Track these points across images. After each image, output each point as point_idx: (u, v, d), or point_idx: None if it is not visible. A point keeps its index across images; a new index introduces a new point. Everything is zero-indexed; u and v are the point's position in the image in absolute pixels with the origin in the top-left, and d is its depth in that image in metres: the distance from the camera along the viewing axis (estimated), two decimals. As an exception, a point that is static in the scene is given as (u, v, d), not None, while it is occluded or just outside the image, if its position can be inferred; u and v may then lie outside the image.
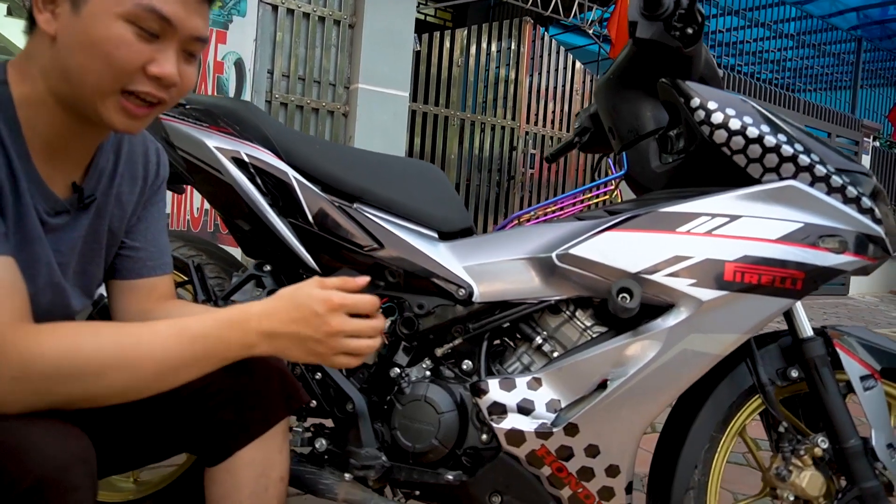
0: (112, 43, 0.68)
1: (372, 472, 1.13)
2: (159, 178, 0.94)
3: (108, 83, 0.70)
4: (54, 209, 0.77)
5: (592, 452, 1.09)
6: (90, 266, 0.87)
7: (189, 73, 0.76)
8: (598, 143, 1.57)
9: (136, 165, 0.90)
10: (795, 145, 1.09)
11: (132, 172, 0.89)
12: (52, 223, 0.78)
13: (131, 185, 0.90)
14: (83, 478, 0.63)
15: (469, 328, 1.20)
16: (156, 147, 0.94)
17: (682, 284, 1.05)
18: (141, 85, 0.71)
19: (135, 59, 0.69)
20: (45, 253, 0.77)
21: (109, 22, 0.68)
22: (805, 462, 1.12)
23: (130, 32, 0.69)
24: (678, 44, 1.16)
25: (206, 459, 0.95)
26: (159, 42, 0.71)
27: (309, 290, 0.76)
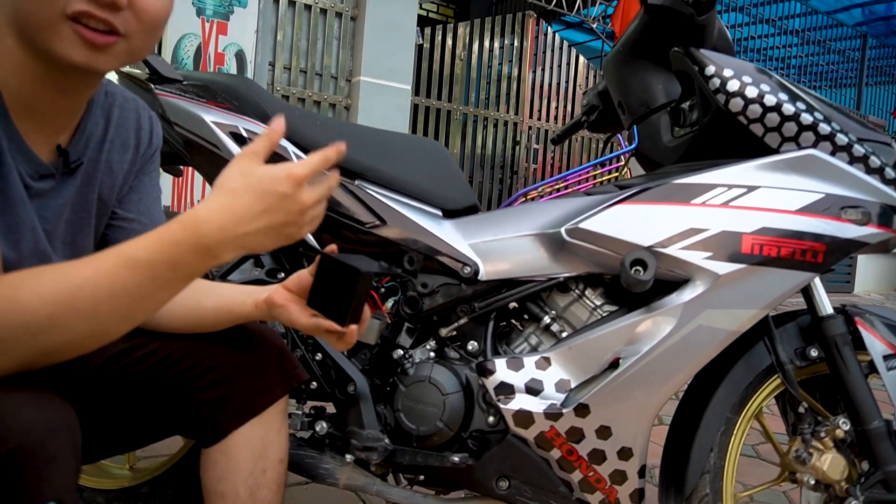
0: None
1: (374, 454, 1.09)
2: (152, 146, 0.90)
3: (42, 9, 0.62)
4: (38, 172, 0.73)
5: (604, 434, 1.05)
6: (79, 236, 0.82)
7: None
8: (607, 121, 1.53)
9: (128, 132, 0.86)
10: (815, 113, 1.04)
11: (123, 139, 0.85)
12: (37, 187, 0.73)
13: (122, 151, 0.85)
14: (64, 447, 0.59)
15: (475, 307, 1.16)
16: (149, 114, 0.89)
17: (698, 258, 1.01)
18: (78, 4, 0.62)
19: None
20: (30, 217, 0.73)
21: None
22: (826, 444, 1.08)
23: None
24: (691, 10, 1.12)
25: (201, 440, 0.91)
26: None
27: (266, 173, 0.64)
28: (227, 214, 0.63)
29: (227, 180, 0.64)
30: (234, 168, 0.65)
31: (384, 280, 1.22)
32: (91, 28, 0.64)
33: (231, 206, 0.63)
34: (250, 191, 0.63)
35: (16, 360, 0.60)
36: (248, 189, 0.63)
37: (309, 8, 4.35)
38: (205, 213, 0.63)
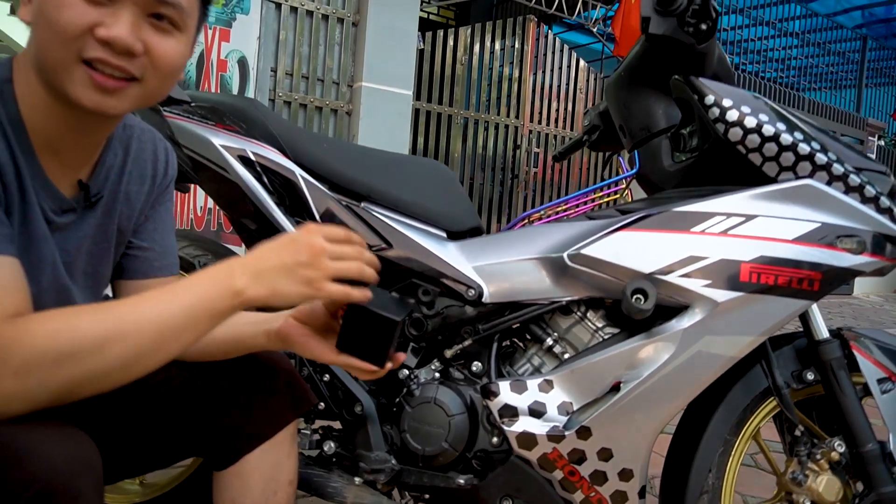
0: (55, 6, 0.64)
1: (382, 475, 1.11)
2: (168, 177, 0.92)
3: (61, 52, 0.65)
4: (61, 208, 0.76)
5: (605, 456, 1.08)
6: (99, 266, 0.85)
7: (161, 43, 0.69)
8: (608, 141, 1.55)
9: (145, 164, 0.88)
10: (812, 143, 1.07)
11: (140, 171, 0.88)
12: (59, 222, 0.76)
13: (139, 183, 0.88)
14: (89, 484, 0.61)
15: (479, 329, 1.18)
16: (164, 146, 0.92)
17: (697, 285, 1.03)
18: (94, 51, 0.65)
19: (77, 20, 0.64)
20: (51, 253, 0.75)
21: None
22: (821, 466, 1.10)
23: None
24: (692, 40, 1.14)
25: (214, 463, 0.94)
26: (111, 5, 0.66)
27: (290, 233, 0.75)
28: (251, 256, 0.72)
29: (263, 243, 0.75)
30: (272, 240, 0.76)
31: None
32: (105, 73, 0.67)
33: (257, 251, 0.73)
34: (270, 241, 0.73)
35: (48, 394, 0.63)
36: (270, 241, 0.74)
37: (311, 14, 4.37)
38: (237, 258, 0.72)
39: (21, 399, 0.62)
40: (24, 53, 0.72)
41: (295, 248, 0.71)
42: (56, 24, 0.64)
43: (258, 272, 0.70)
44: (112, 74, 0.67)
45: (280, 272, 0.71)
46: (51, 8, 0.64)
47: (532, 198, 6.02)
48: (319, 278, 0.71)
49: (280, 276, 0.71)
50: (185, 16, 0.71)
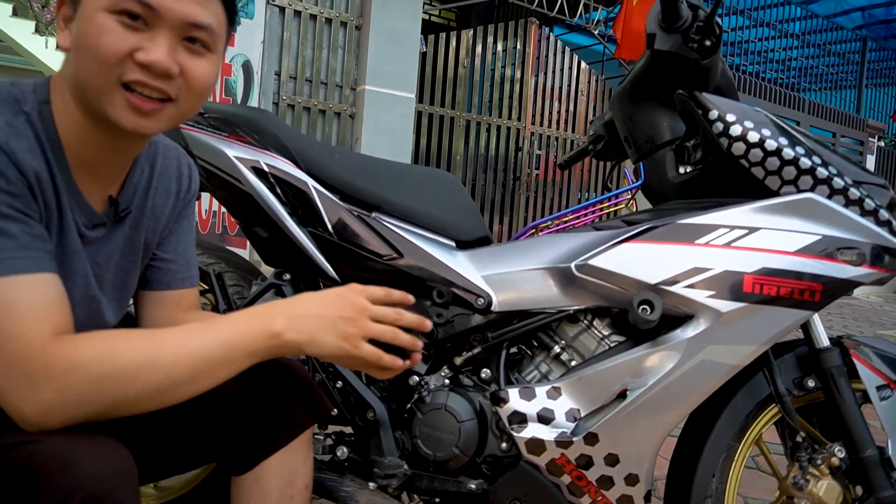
0: (95, 33, 0.68)
1: (394, 480, 1.14)
2: (191, 191, 0.96)
3: (102, 77, 0.69)
4: (92, 222, 0.79)
5: (612, 461, 1.11)
6: (127, 279, 0.89)
7: (195, 65, 0.73)
8: (612, 150, 1.58)
9: (170, 179, 0.92)
10: (813, 157, 1.10)
11: (166, 186, 0.91)
12: (90, 236, 0.80)
13: (165, 198, 0.91)
14: (128, 493, 0.65)
15: (488, 337, 1.21)
16: (188, 162, 0.96)
17: (702, 296, 1.06)
18: (133, 74, 0.69)
19: (117, 46, 0.68)
20: (83, 266, 0.79)
21: (95, 15, 0.68)
22: (822, 471, 1.14)
23: (113, 21, 0.68)
24: (696, 56, 1.17)
25: (233, 468, 0.97)
26: (148, 30, 0.69)
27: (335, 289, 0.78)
28: (295, 302, 0.76)
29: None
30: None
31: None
32: (144, 95, 0.71)
33: (301, 298, 0.77)
34: (320, 294, 0.77)
35: (85, 413, 0.67)
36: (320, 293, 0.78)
37: (314, 18, 4.40)
38: (280, 302, 0.76)
39: (61, 414, 0.65)
40: (59, 75, 0.75)
41: (340, 304, 0.76)
42: (97, 50, 0.68)
43: (300, 318, 0.75)
44: (150, 96, 0.71)
45: (321, 323, 0.76)
46: (92, 36, 0.68)
47: (534, 199, 6.05)
48: (357, 336, 0.76)
49: (320, 327, 0.76)
50: (215, 38, 0.75)
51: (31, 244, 0.67)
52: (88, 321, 0.81)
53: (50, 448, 0.63)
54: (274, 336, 0.74)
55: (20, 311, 0.64)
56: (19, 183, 0.67)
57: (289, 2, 4.25)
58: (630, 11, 5.85)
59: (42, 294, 0.67)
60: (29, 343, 0.64)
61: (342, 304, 0.76)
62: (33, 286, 0.66)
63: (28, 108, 0.72)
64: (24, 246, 0.66)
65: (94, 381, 0.65)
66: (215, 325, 0.73)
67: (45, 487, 0.61)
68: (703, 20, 1.15)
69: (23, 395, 0.64)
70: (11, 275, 0.65)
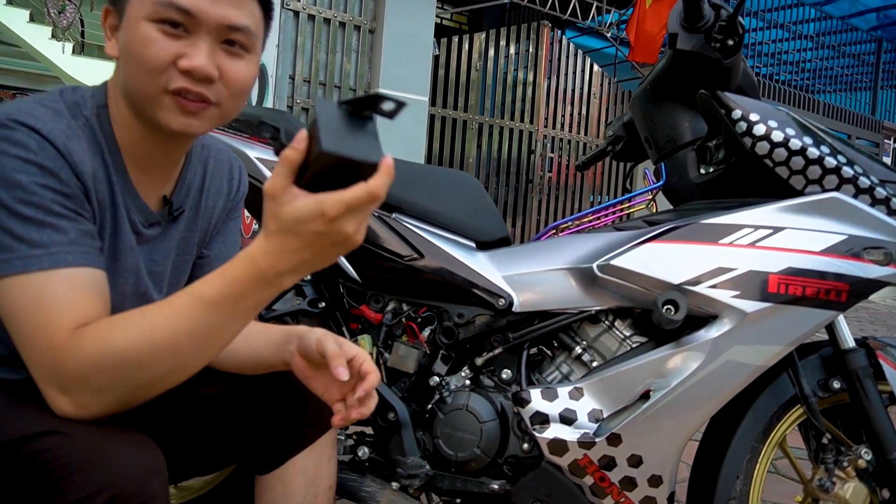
0: (140, 44, 0.70)
1: (416, 480, 1.14)
2: (240, 193, 0.98)
3: (149, 86, 0.71)
4: (148, 220, 0.82)
5: (635, 462, 1.10)
6: (182, 277, 0.91)
7: (234, 67, 0.74)
8: (631, 152, 1.58)
9: (222, 181, 0.94)
10: (838, 157, 1.09)
11: (218, 187, 0.93)
12: (147, 234, 0.82)
13: (216, 198, 0.94)
14: (159, 488, 0.65)
15: (508, 337, 1.21)
16: (238, 164, 0.98)
17: (726, 296, 1.06)
18: (177, 82, 0.71)
19: (161, 55, 0.70)
20: (135, 263, 0.81)
21: (137, 25, 0.70)
22: (848, 474, 1.12)
23: (155, 30, 0.70)
24: (718, 55, 1.16)
25: (257, 467, 0.97)
26: (189, 37, 0.71)
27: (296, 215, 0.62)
28: (276, 253, 0.64)
29: (266, 225, 0.65)
30: (266, 213, 0.65)
31: (421, 310, 1.28)
32: (188, 98, 0.73)
33: (277, 246, 0.64)
34: (290, 232, 0.63)
35: (115, 399, 0.67)
36: (287, 231, 0.63)
37: (328, 21, 4.43)
38: (259, 251, 0.65)
39: (92, 404, 0.66)
40: (113, 82, 0.78)
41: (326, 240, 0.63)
42: (143, 60, 0.70)
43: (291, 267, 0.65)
44: (194, 99, 0.73)
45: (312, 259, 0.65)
46: (137, 46, 0.70)
47: (546, 202, 6.03)
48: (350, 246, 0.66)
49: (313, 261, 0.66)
50: (253, 38, 0.76)
51: (81, 240, 0.69)
52: None
53: (80, 442, 0.64)
54: (274, 287, 0.67)
55: (56, 303, 0.66)
56: (73, 184, 0.69)
57: (303, 6, 4.28)
58: (643, 14, 5.84)
59: (82, 287, 0.68)
60: (56, 334, 0.65)
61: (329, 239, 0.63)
62: (75, 279, 0.68)
63: (87, 112, 0.75)
64: (73, 241, 0.68)
65: (104, 371, 0.65)
66: (203, 296, 0.66)
67: (74, 481, 0.61)
68: (725, 19, 1.15)
69: (56, 386, 0.66)
70: (61, 268, 0.67)
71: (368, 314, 1.27)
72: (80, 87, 0.78)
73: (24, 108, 0.70)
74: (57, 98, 0.74)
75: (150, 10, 0.70)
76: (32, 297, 0.66)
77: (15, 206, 0.66)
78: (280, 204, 0.62)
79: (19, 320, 0.66)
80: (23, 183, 0.66)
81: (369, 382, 0.80)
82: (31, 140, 0.67)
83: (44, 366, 0.66)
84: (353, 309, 1.30)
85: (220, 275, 0.67)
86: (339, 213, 0.61)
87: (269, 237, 0.64)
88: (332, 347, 0.80)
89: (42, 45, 5.10)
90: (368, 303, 1.28)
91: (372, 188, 0.61)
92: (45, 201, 0.67)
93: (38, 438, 0.66)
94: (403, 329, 1.28)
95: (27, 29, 5.08)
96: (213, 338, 0.69)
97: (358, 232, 0.64)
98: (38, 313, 0.65)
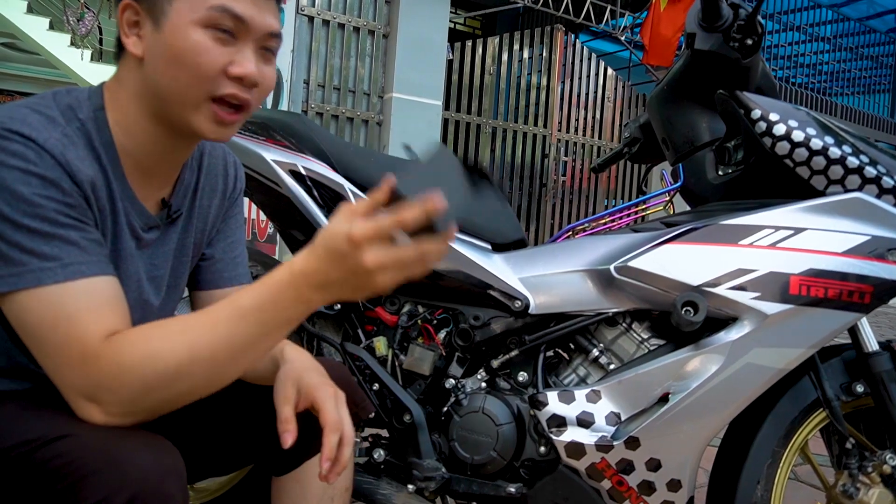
0: (194, 51, 0.70)
1: (433, 483, 1.14)
2: (236, 189, 0.96)
3: (196, 92, 0.71)
4: (147, 224, 0.81)
5: (653, 466, 1.09)
6: (181, 280, 0.90)
7: (268, 72, 0.76)
8: (648, 153, 1.57)
9: (216, 178, 0.92)
10: (861, 156, 1.07)
11: (212, 185, 0.92)
12: (146, 238, 0.81)
13: (211, 197, 0.92)
14: (177, 489, 0.65)
15: (525, 340, 1.20)
16: (233, 159, 0.96)
17: (746, 298, 1.04)
18: (226, 88, 0.72)
19: (216, 62, 0.71)
20: (136, 270, 0.80)
21: (188, 31, 0.70)
22: (873, 479, 1.10)
23: (208, 37, 0.70)
24: (737, 55, 1.15)
25: (274, 469, 0.97)
26: (237, 43, 0.72)
27: (335, 230, 0.64)
28: (312, 266, 0.66)
29: (316, 237, 0.67)
30: (326, 226, 0.67)
31: (437, 312, 1.27)
32: (230, 105, 0.73)
33: (314, 258, 0.66)
34: (325, 246, 0.65)
35: (146, 408, 0.67)
36: (324, 245, 0.66)
37: (342, 26, 4.45)
38: (298, 262, 0.67)
39: (124, 413, 0.67)
40: (116, 82, 0.76)
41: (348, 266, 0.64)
42: (197, 68, 0.70)
43: (321, 286, 0.67)
44: (232, 105, 0.73)
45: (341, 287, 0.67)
46: (188, 52, 0.70)
47: (560, 206, 6.02)
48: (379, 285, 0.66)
49: (341, 290, 0.67)
50: (279, 43, 0.77)
51: (91, 249, 0.69)
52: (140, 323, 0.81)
53: (97, 444, 0.64)
54: (306, 306, 0.68)
55: (81, 314, 0.66)
56: (75, 193, 0.68)
57: (317, 11, 4.31)
58: (658, 17, 5.81)
59: (102, 296, 0.68)
60: (87, 345, 0.65)
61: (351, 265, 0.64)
62: (94, 289, 0.67)
63: (83, 116, 0.73)
64: (85, 251, 0.68)
65: (141, 381, 0.65)
66: (242, 306, 0.68)
67: (93, 482, 0.61)
68: (744, 19, 1.14)
69: (88, 396, 0.66)
70: (77, 279, 0.66)
71: (384, 316, 1.27)
72: (75, 89, 0.76)
73: (18, 115, 0.68)
74: (50, 102, 0.72)
75: (204, 15, 0.70)
76: (55, 310, 0.65)
77: (20, 220, 0.64)
78: (337, 219, 0.65)
79: (44, 334, 0.66)
80: (25, 195, 0.65)
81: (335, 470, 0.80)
82: (29, 150, 0.66)
83: (76, 377, 0.66)
84: (369, 311, 1.30)
85: (259, 284, 0.69)
86: (363, 236, 0.61)
87: (310, 249, 0.67)
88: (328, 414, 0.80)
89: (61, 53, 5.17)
90: (384, 305, 1.28)
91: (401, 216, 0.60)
92: (49, 213, 0.66)
93: (52, 442, 0.66)
94: (419, 331, 1.27)
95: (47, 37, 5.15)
96: (248, 350, 0.70)
97: (380, 272, 0.63)
98: (65, 325, 0.65)
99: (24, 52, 7.43)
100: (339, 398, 0.83)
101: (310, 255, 0.67)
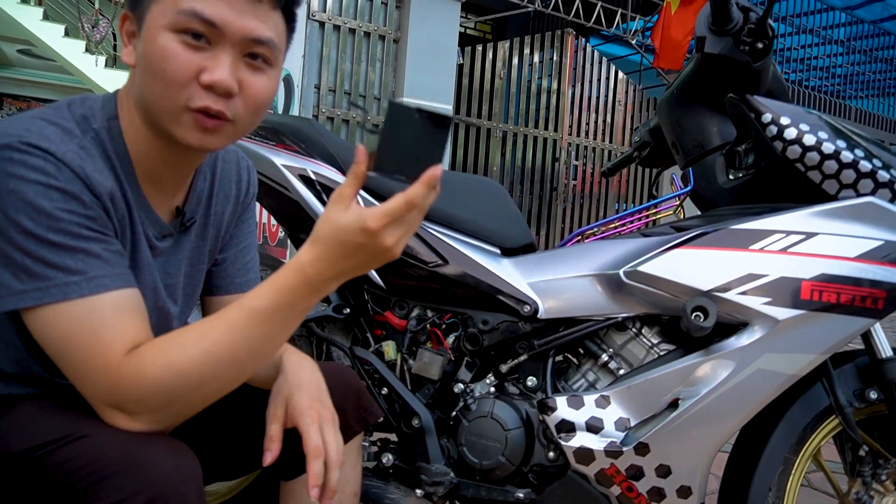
0: (161, 56, 0.67)
1: (441, 488, 1.14)
2: (249, 195, 0.96)
3: (171, 102, 0.68)
4: (161, 233, 0.81)
5: (663, 472, 1.08)
6: (196, 287, 0.90)
7: (254, 82, 0.71)
8: (658, 157, 1.56)
9: (230, 184, 0.92)
10: (873, 161, 1.06)
11: (226, 191, 0.91)
12: (160, 247, 0.81)
13: (225, 203, 0.92)
14: (194, 493, 0.65)
15: (534, 344, 1.20)
16: (246, 164, 0.96)
17: (757, 303, 1.03)
18: (200, 100, 0.68)
19: (183, 70, 0.67)
20: (153, 279, 0.80)
21: (157, 36, 0.67)
22: (887, 487, 1.09)
23: (176, 42, 0.67)
24: (748, 59, 1.15)
25: (283, 473, 0.97)
26: (211, 49, 0.68)
27: (344, 225, 0.65)
28: (323, 261, 0.68)
29: (318, 230, 0.68)
30: (323, 218, 0.68)
31: (446, 317, 1.27)
32: (208, 115, 0.70)
33: (324, 253, 0.68)
34: (335, 241, 0.67)
35: (173, 415, 0.69)
36: (334, 239, 0.67)
37: (353, 31, 4.47)
38: (307, 260, 0.68)
39: (151, 422, 0.68)
40: (125, 91, 0.76)
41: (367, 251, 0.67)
42: (164, 75, 0.67)
43: (335, 274, 0.69)
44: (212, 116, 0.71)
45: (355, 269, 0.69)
46: (156, 59, 0.68)
47: (570, 210, 6.00)
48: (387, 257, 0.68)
49: (355, 271, 0.70)
50: (276, 52, 0.73)
51: (114, 261, 0.69)
52: (157, 331, 0.82)
53: (115, 445, 0.65)
54: (319, 295, 0.70)
55: (106, 328, 0.66)
56: (95, 205, 0.68)
57: (328, 16, 4.33)
58: (668, 20, 5.79)
59: (124, 309, 0.68)
60: (111, 358, 0.66)
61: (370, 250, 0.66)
62: (117, 302, 0.68)
63: (97, 126, 0.72)
64: (108, 263, 0.68)
65: (165, 391, 0.66)
66: (256, 308, 0.69)
67: (112, 484, 0.62)
68: (754, 22, 1.13)
69: (115, 407, 0.67)
70: (102, 293, 0.67)
71: (393, 320, 1.27)
72: (89, 98, 0.75)
73: (35, 128, 0.67)
74: (65, 112, 0.71)
75: (172, 19, 0.66)
76: (79, 324, 0.66)
77: (44, 234, 0.64)
78: (336, 210, 0.66)
79: (69, 347, 0.66)
80: (47, 209, 0.64)
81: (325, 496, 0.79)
82: (48, 164, 0.65)
83: (101, 390, 0.67)
84: (378, 315, 1.30)
85: (270, 286, 0.70)
86: (380, 226, 0.64)
87: (317, 244, 0.68)
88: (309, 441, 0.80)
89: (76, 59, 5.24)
90: (393, 309, 1.28)
91: (410, 197, 0.64)
92: (72, 227, 0.66)
93: (72, 443, 0.67)
94: (428, 335, 1.27)
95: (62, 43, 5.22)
96: (266, 347, 0.71)
97: (397, 245, 0.67)
98: (89, 339, 0.66)
99: (40, 59, 7.55)
100: (326, 420, 0.81)
101: (320, 251, 0.68)
